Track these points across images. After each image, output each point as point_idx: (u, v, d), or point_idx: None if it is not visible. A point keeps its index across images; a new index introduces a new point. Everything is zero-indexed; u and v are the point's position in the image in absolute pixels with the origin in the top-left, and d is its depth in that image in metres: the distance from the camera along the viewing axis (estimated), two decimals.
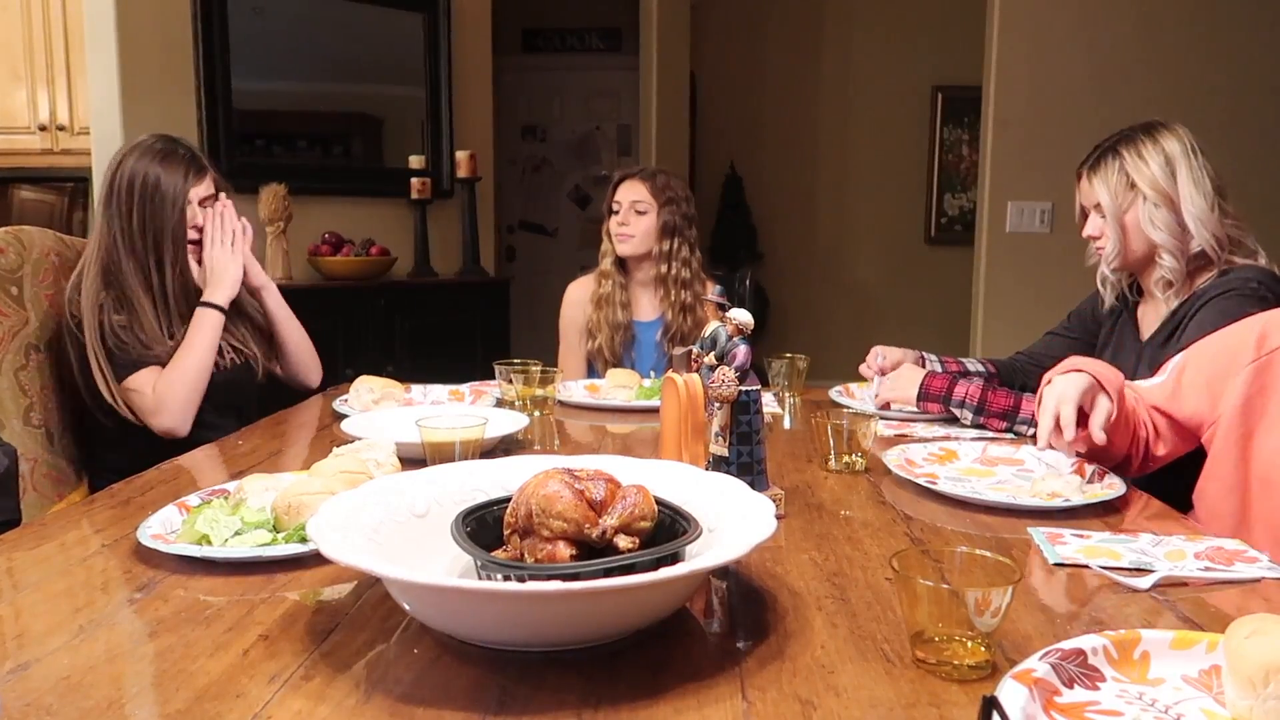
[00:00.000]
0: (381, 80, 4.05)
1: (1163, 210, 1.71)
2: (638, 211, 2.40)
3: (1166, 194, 1.71)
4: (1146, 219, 1.72)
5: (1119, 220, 1.75)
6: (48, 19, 3.94)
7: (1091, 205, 1.81)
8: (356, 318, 3.56)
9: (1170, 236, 1.71)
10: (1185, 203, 1.70)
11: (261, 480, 1.19)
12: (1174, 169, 1.71)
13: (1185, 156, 1.72)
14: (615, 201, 2.43)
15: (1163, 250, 1.72)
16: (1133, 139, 1.76)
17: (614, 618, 0.82)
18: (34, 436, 1.87)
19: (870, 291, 6.17)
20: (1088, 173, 1.80)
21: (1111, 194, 1.74)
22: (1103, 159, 1.77)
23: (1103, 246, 1.80)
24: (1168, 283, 1.74)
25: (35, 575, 1.03)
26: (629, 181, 2.43)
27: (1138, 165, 1.72)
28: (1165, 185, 1.71)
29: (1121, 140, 1.77)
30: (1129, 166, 1.73)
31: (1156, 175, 1.71)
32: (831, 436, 1.46)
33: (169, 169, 1.91)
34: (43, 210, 4.08)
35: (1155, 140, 1.74)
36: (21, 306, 1.87)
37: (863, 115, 6.03)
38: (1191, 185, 1.70)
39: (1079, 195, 1.85)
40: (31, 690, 0.76)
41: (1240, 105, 3.92)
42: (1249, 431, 1.36)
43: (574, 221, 6.38)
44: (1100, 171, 1.76)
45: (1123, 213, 1.74)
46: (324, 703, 0.74)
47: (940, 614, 0.78)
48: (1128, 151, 1.74)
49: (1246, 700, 0.70)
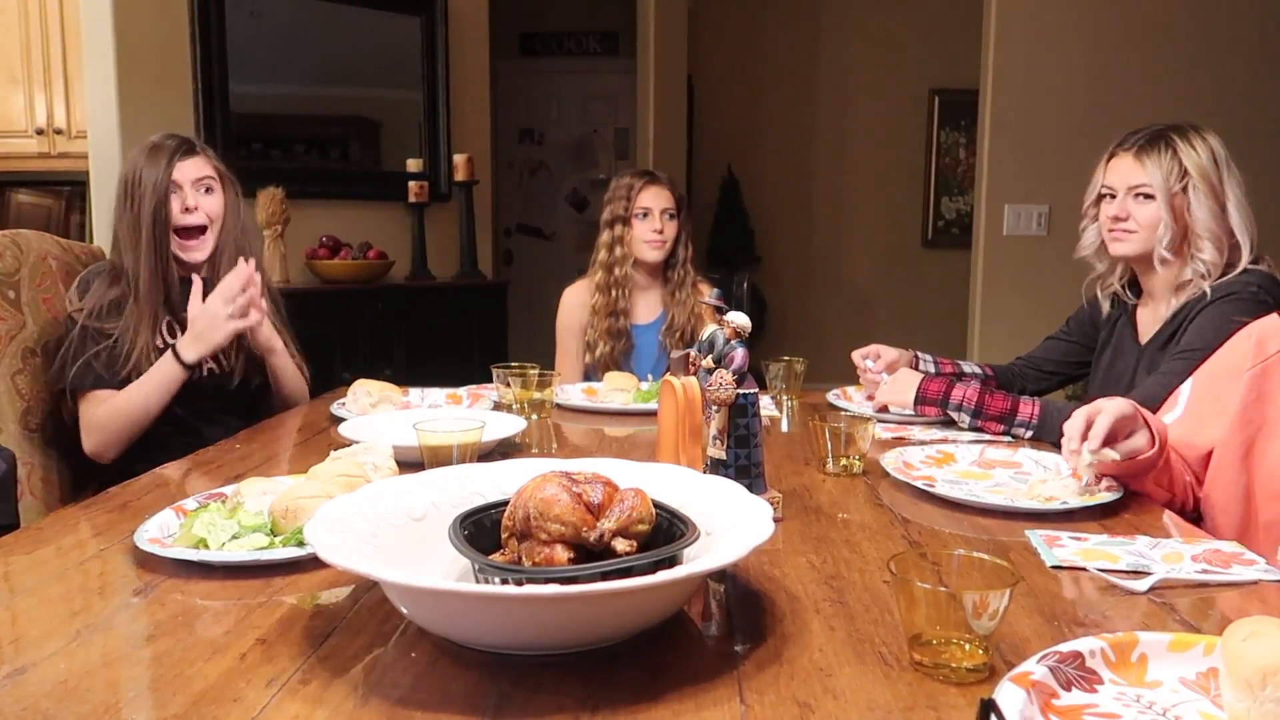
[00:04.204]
0: (379, 84, 4.05)
1: (1210, 199, 1.72)
2: (669, 217, 2.42)
3: (1213, 184, 1.72)
4: (1196, 204, 1.72)
5: (1170, 203, 1.74)
6: (45, 23, 3.93)
7: (1127, 186, 1.77)
8: (354, 321, 3.56)
9: (1215, 225, 1.72)
10: (1231, 197, 1.72)
11: (259, 484, 1.19)
12: (1219, 163, 1.73)
13: (1226, 157, 1.75)
14: (644, 207, 2.42)
15: (1204, 239, 1.72)
16: (1182, 129, 1.77)
17: (612, 621, 0.82)
18: (31, 440, 1.87)
19: (867, 294, 6.17)
20: (1137, 153, 1.77)
21: (1165, 175, 1.74)
22: (1154, 142, 1.76)
23: (1130, 230, 1.77)
24: (1202, 275, 1.73)
25: (32, 579, 1.03)
26: (656, 188, 2.43)
27: (1189, 153, 1.73)
28: (1213, 176, 1.72)
29: (1171, 128, 1.77)
30: (1181, 152, 1.74)
31: (1205, 165, 1.73)
32: (829, 439, 1.46)
33: (153, 157, 1.88)
34: (40, 214, 4.08)
35: (1201, 136, 1.76)
36: (19, 310, 1.87)
37: (860, 118, 6.04)
38: (1234, 182, 1.73)
39: (1110, 175, 1.81)
40: (28, 695, 0.76)
41: (1237, 108, 3.93)
42: (1250, 439, 1.36)
43: (571, 225, 6.38)
44: (1152, 153, 1.75)
45: (1173, 195, 1.74)
46: (321, 706, 0.74)
47: (938, 617, 0.78)
48: (1179, 139, 1.75)
49: (1244, 702, 0.70)
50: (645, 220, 2.41)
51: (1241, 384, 1.36)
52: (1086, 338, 2.02)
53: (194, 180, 1.91)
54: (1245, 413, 1.35)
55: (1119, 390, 1.80)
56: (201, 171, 1.92)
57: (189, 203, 1.89)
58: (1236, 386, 1.37)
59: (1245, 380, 1.36)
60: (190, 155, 1.91)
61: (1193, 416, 1.44)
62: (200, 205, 1.91)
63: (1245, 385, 1.35)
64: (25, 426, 1.86)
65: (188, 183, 1.90)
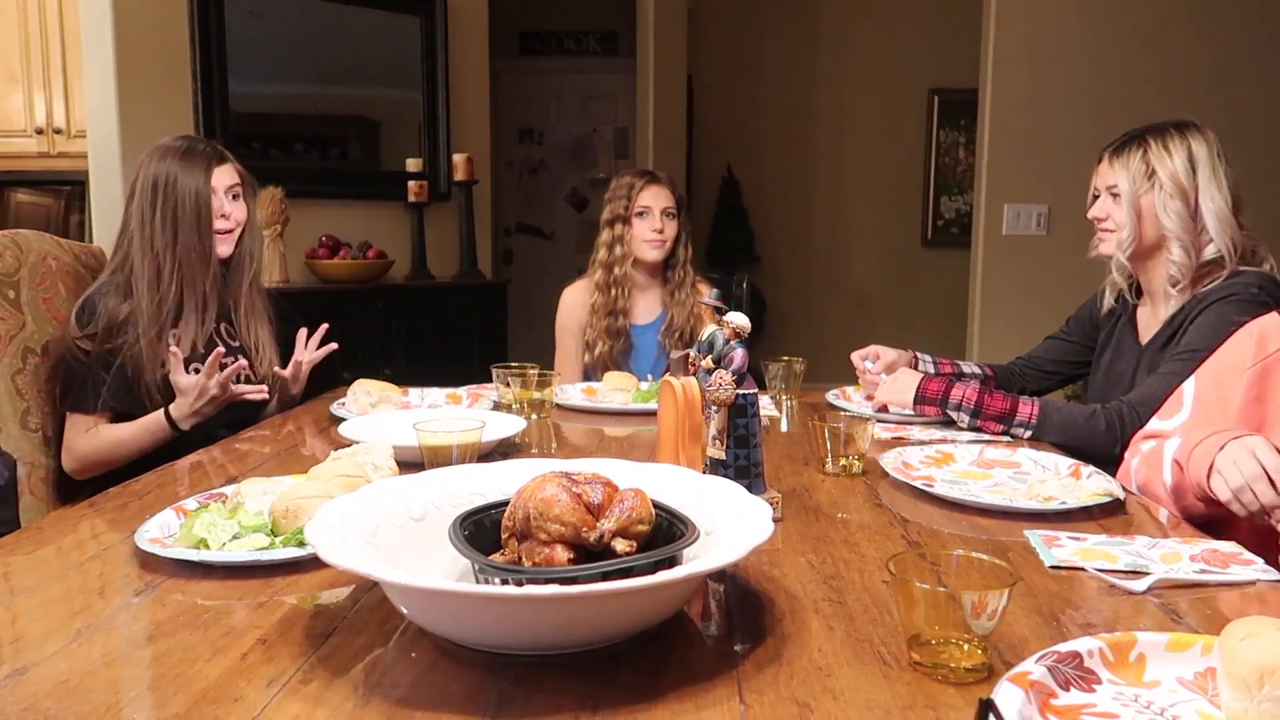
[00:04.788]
0: (378, 83, 4.05)
1: (1177, 202, 1.72)
2: (669, 216, 2.42)
3: (1183, 188, 1.72)
4: (1161, 206, 1.73)
5: (1134, 205, 1.75)
6: (44, 22, 3.93)
7: (1105, 188, 1.81)
8: (353, 321, 3.56)
9: (1181, 228, 1.72)
10: (1204, 201, 1.72)
11: (259, 484, 1.19)
12: (1195, 167, 1.73)
13: (1209, 159, 1.73)
14: (644, 206, 2.41)
15: (1173, 241, 1.73)
16: (1162, 131, 1.77)
17: (611, 621, 0.82)
18: (31, 440, 1.87)
19: (867, 294, 6.17)
20: (1110, 155, 1.80)
21: (1130, 178, 1.75)
22: (1128, 145, 1.78)
23: (1109, 229, 1.80)
24: (1174, 280, 1.74)
25: (33, 579, 1.03)
26: (656, 187, 2.43)
27: (1161, 156, 1.74)
28: (1184, 180, 1.72)
29: (1151, 131, 1.78)
30: (1152, 156, 1.74)
31: (1177, 169, 1.73)
32: (828, 439, 1.46)
33: (189, 163, 1.92)
34: (39, 213, 4.08)
35: (1184, 137, 1.75)
36: (18, 310, 1.87)
37: (859, 118, 6.04)
38: (1213, 187, 1.72)
39: (1096, 177, 1.85)
40: (29, 695, 0.76)
41: (1237, 109, 3.93)
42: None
43: (571, 224, 6.38)
44: (1123, 156, 1.77)
45: (1138, 197, 1.75)
46: (322, 706, 0.74)
47: (937, 617, 0.78)
48: (1154, 141, 1.76)
49: (1241, 702, 0.70)
50: (645, 219, 2.41)
51: (1242, 382, 1.36)
52: (1086, 338, 2.02)
53: (227, 187, 1.96)
54: (1246, 411, 1.35)
55: (1119, 390, 1.80)
56: (232, 179, 1.98)
57: (224, 209, 1.95)
58: (1238, 385, 1.37)
59: (1246, 379, 1.35)
60: (223, 163, 1.97)
61: (1200, 416, 1.44)
62: (231, 212, 1.97)
63: (1246, 384, 1.35)
64: (25, 426, 1.86)
65: (222, 189, 1.95)
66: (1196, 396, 1.45)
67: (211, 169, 1.93)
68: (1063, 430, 1.68)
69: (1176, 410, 1.48)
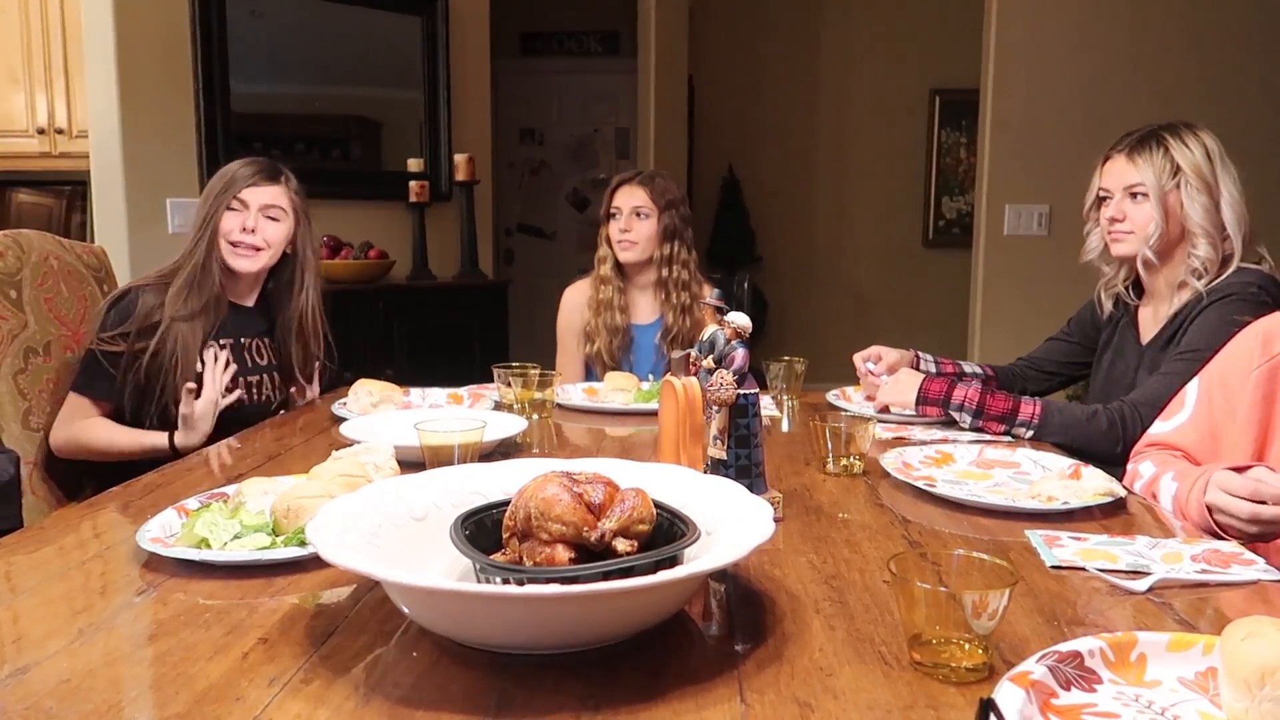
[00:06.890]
0: (380, 83, 4.05)
1: (1203, 195, 1.73)
2: (639, 216, 2.38)
3: (1207, 181, 1.73)
4: (1188, 200, 1.73)
5: (1162, 201, 1.75)
6: (46, 22, 3.94)
7: (1121, 187, 1.79)
8: (355, 321, 3.56)
9: (1208, 220, 1.72)
10: (1224, 193, 1.72)
11: (260, 483, 1.19)
12: (1213, 160, 1.74)
13: (1221, 153, 1.75)
14: (615, 207, 2.41)
15: (1199, 235, 1.73)
16: (1174, 128, 1.77)
17: (612, 621, 0.82)
18: (33, 440, 1.87)
19: (868, 294, 6.17)
20: (1129, 153, 1.79)
21: (1157, 174, 1.75)
22: (1146, 141, 1.78)
23: (1126, 231, 1.79)
24: (1198, 273, 1.74)
25: (34, 579, 1.03)
26: (628, 186, 2.41)
27: (1182, 150, 1.74)
28: (1206, 172, 1.73)
29: (1164, 128, 1.78)
30: (1174, 151, 1.75)
31: (1199, 162, 1.73)
32: (829, 439, 1.46)
33: (232, 174, 1.96)
34: (41, 213, 4.09)
35: (1194, 133, 1.76)
36: (20, 310, 1.88)
37: (861, 118, 6.04)
38: (1228, 179, 1.74)
39: (1104, 178, 1.84)
40: (31, 694, 0.76)
41: (1236, 109, 3.93)
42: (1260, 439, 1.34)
43: (572, 224, 6.38)
44: (1144, 153, 1.77)
45: (1166, 193, 1.75)
46: (323, 706, 0.74)
47: (938, 616, 0.78)
48: (1171, 137, 1.76)
49: (1242, 702, 0.70)
50: (615, 220, 2.40)
51: (1249, 383, 1.35)
52: (1087, 339, 2.02)
53: (262, 205, 1.96)
54: (1253, 412, 1.34)
55: (1121, 391, 1.80)
56: (273, 200, 1.97)
57: (249, 224, 1.94)
58: (1244, 386, 1.36)
59: (1253, 379, 1.35)
60: (268, 183, 1.97)
61: (1202, 417, 1.44)
62: (260, 230, 1.95)
63: (1253, 384, 1.34)
64: (27, 426, 1.86)
65: (255, 205, 1.95)
66: (1199, 397, 1.45)
67: (247, 184, 1.94)
68: (1064, 430, 1.68)
69: (1178, 411, 1.48)
